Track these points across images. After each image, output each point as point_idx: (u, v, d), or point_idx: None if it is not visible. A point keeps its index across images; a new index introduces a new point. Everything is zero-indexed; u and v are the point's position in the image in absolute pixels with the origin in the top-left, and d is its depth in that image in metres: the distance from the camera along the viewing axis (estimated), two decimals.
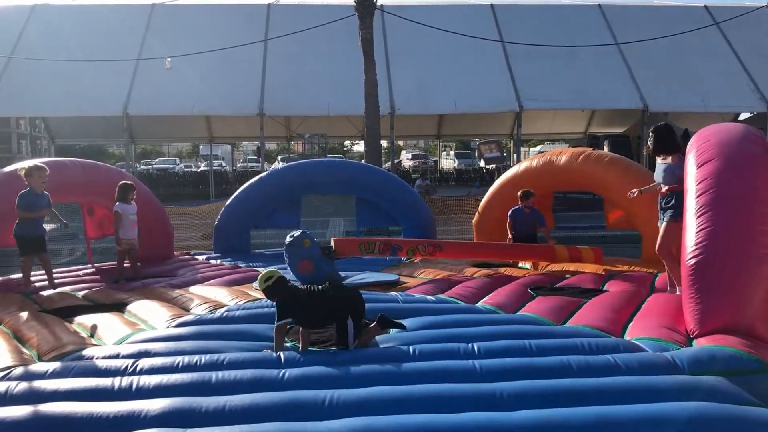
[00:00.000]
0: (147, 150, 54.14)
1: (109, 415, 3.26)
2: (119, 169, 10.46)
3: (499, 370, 3.85)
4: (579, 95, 21.36)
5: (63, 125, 25.69)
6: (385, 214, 10.75)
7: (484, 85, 21.23)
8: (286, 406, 3.35)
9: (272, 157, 45.28)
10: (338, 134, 27.60)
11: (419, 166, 38.07)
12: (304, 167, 11.03)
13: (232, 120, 24.60)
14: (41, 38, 21.51)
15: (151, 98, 20.36)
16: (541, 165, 9.48)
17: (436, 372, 3.83)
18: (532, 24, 23.11)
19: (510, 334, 4.64)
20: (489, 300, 5.92)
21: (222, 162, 40.98)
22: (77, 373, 3.90)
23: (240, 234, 10.23)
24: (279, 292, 4.35)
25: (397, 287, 6.86)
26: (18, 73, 20.39)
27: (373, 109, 16.64)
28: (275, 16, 23.26)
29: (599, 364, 3.92)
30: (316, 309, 4.36)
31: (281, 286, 4.37)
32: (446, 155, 43.13)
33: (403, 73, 21.28)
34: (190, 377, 3.73)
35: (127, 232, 7.88)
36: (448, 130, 29.70)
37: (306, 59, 21.62)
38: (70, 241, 14.99)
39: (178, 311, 5.62)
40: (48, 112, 22.80)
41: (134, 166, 27.20)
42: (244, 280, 7.49)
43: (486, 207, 10.15)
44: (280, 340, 4.35)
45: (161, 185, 27.08)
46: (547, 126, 28.25)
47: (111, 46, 20.87)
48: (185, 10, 23.94)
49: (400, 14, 20.78)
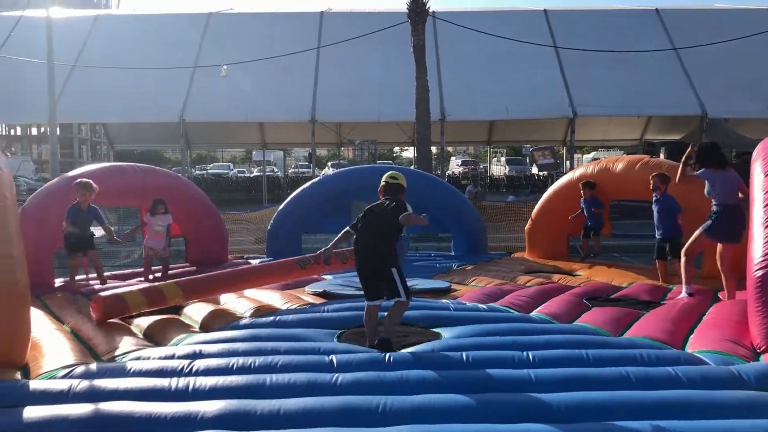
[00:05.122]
0: (202, 155, 55.25)
1: (167, 415, 3.31)
2: (176, 174, 10.71)
3: (555, 380, 3.78)
4: (635, 101, 20.88)
5: (122, 131, 26.47)
6: (436, 221, 10.70)
7: (537, 90, 20.96)
8: (339, 411, 3.35)
9: (323, 163, 45.66)
10: (388, 140, 27.63)
11: (469, 172, 37.79)
12: (355, 173, 11.10)
13: (284, 126, 24.90)
14: (103, 47, 22.21)
15: (206, 105, 20.81)
16: (596, 172, 9.31)
17: (490, 380, 3.78)
18: (587, 29, 22.70)
19: (565, 343, 4.55)
20: (543, 309, 5.83)
21: (274, 168, 41.51)
22: (135, 373, 3.98)
23: (292, 239, 10.32)
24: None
25: (448, 295, 6.82)
26: (80, 81, 21.10)
27: (423, 115, 16.62)
28: (328, 23, 23.49)
29: (660, 377, 3.81)
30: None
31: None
32: (497, 161, 42.73)
33: (453, 79, 21.19)
34: (244, 379, 3.77)
35: (149, 241, 8.16)
36: (499, 136, 29.39)
37: (357, 66, 21.76)
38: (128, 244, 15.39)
39: (232, 314, 5.69)
40: (108, 118, 23.52)
41: (190, 171, 27.78)
42: (295, 284, 7.55)
43: (539, 214, 10.01)
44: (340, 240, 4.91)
45: (215, 190, 27.54)
46: (601, 132, 27.68)
47: (169, 54, 21.41)
48: (240, 19, 24.43)
49: (451, 20, 20.72)
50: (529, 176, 34.85)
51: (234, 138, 28.20)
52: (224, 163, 50.58)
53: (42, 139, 55.73)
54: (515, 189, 30.13)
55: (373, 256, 4.62)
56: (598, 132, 27.42)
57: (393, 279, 4.52)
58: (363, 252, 4.68)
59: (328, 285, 7.23)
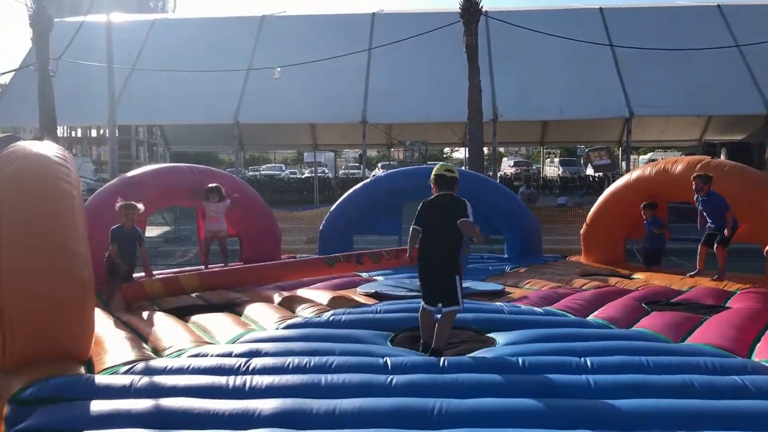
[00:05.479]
0: (254, 156, 56.16)
1: (225, 412, 3.37)
2: (232, 175, 10.87)
3: (614, 387, 3.69)
4: (694, 100, 20.29)
5: (178, 132, 27.11)
6: (488, 222, 10.58)
7: (592, 90, 20.58)
8: (394, 413, 3.34)
9: (373, 164, 45.84)
10: (438, 141, 27.56)
11: (521, 173, 37.34)
12: (406, 174, 11.09)
13: (335, 128, 25.10)
14: (159, 51, 22.79)
15: (259, 107, 21.13)
16: (654, 174, 9.06)
17: (546, 386, 3.71)
18: (644, 27, 22.17)
19: (624, 349, 4.44)
20: (600, 314, 5.70)
21: (325, 169, 41.89)
22: (194, 370, 4.05)
23: (343, 239, 10.37)
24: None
25: (502, 297, 6.74)
26: (138, 84, 21.70)
27: (476, 115, 16.51)
28: (379, 24, 23.57)
29: (725, 386, 3.68)
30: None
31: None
32: (550, 162, 42.10)
33: (506, 79, 20.99)
34: (300, 379, 3.80)
35: (208, 225, 8.73)
36: (553, 136, 28.97)
37: (408, 67, 21.75)
38: (184, 243, 15.75)
39: (286, 313, 5.76)
40: (165, 120, 24.12)
41: (243, 173, 28.26)
42: (347, 284, 7.59)
43: (595, 217, 9.80)
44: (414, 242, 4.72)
45: (267, 191, 27.92)
46: (658, 133, 27.00)
47: (223, 57, 21.83)
48: (293, 22, 24.73)
49: (504, 19, 20.51)
50: (584, 177, 34.22)
51: (286, 139, 28.57)
52: (276, 165, 51.26)
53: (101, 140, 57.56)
54: (569, 190, 29.60)
55: (438, 262, 4.55)
56: (655, 132, 26.76)
57: (454, 287, 4.49)
58: (428, 256, 4.59)
59: (379, 286, 7.24)
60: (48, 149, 5.44)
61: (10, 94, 23.09)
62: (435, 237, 4.56)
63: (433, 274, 4.59)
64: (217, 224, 8.65)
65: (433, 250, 4.57)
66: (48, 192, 4.81)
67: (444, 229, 4.52)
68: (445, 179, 4.69)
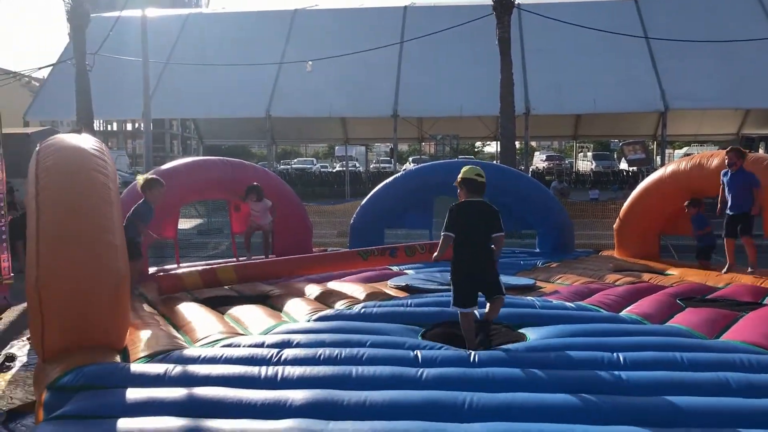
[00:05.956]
0: (286, 150, 56.55)
1: (257, 402, 3.41)
2: (264, 169, 10.96)
3: (648, 384, 3.64)
4: (731, 93, 19.89)
5: (211, 126, 27.42)
6: (519, 217, 10.52)
7: (627, 83, 20.29)
8: (425, 405, 3.35)
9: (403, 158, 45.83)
10: (469, 135, 27.45)
11: (553, 167, 36.96)
12: (436, 168, 11.04)
13: (366, 122, 25.14)
14: (193, 45, 23.08)
15: (291, 101, 21.27)
16: (689, 168, 8.91)
17: (578, 381, 3.68)
18: (679, 18, 21.76)
19: (658, 345, 4.37)
20: (633, 309, 5.62)
21: (356, 163, 41.99)
22: (227, 360, 4.10)
23: (374, 233, 10.39)
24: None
25: (533, 292, 6.69)
26: (172, 79, 22.00)
27: (508, 109, 16.37)
28: (411, 17, 23.53)
29: (763, 384, 3.60)
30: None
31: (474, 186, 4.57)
32: (583, 156, 41.59)
33: (538, 73, 20.80)
34: (331, 370, 3.82)
35: (252, 222, 9.04)
36: (586, 130, 28.64)
37: (440, 60, 21.68)
38: (216, 236, 15.95)
39: (318, 305, 5.79)
40: (198, 114, 24.44)
41: (275, 166, 28.47)
42: (378, 277, 7.61)
43: (629, 211, 9.68)
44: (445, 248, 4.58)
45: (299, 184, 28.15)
46: (694, 127, 26.49)
47: (255, 51, 22.00)
48: (325, 15, 24.82)
49: (537, 12, 20.30)
50: (617, 172, 33.75)
51: (317, 133, 28.72)
52: (308, 158, 51.55)
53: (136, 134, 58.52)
54: (602, 185, 29.24)
55: (483, 270, 4.50)
56: (691, 126, 26.26)
57: (498, 280, 4.51)
58: (473, 264, 4.50)
59: (410, 279, 7.24)
60: (85, 142, 5.54)
61: (48, 89, 23.61)
62: (473, 242, 4.49)
63: (481, 280, 4.51)
64: (261, 220, 8.91)
65: (478, 260, 4.49)
66: (85, 183, 4.89)
67: (483, 236, 4.48)
68: (477, 184, 4.57)
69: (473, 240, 4.49)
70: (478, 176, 4.60)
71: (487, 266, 4.52)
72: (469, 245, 4.49)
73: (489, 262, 4.52)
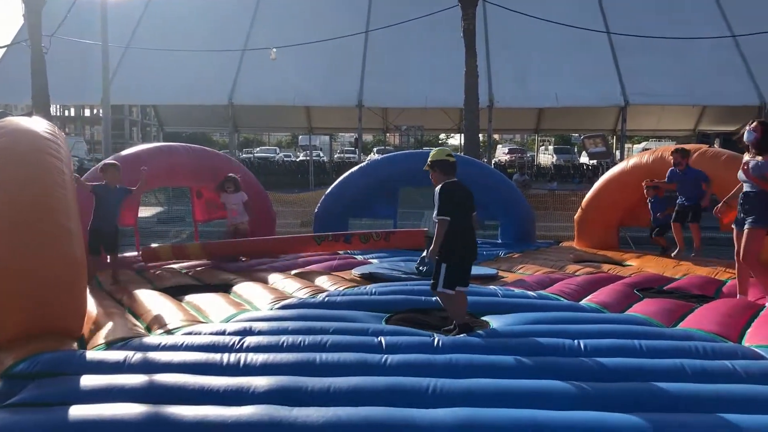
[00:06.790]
0: (248, 138, 55.90)
1: (219, 388, 3.36)
2: (227, 156, 10.82)
3: (608, 370, 3.70)
4: (689, 90, 20.32)
5: (171, 113, 26.93)
6: (482, 207, 10.58)
7: (588, 78, 20.58)
8: (389, 391, 3.34)
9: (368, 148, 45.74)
10: (434, 127, 27.52)
11: (515, 160, 37.32)
12: (401, 159, 11.04)
13: (331, 111, 25.00)
14: (155, 30, 22.57)
15: (254, 88, 21.01)
16: (651, 162, 9.08)
17: (540, 367, 3.72)
18: (641, 15, 22.13)
19: (617, 333, 4.45)
20: (593, 298, 5.71)
21: (320, 152, 41.73)
22: (187, 347, 4.04)
23: (339, 222, 10.35)
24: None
25: (496, 281, 6.75)
26: (132, 64, 21.52)
27: (472, 101, 16.43)
28: (377, 6, 23.42)
29: (716, 370, 3.70)
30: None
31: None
32: (544, 150, 42.10)
33: (502, 65, 20.94)
34: (295, 357, 3.79)
35: (229, 219, 8.70)
36: (548, 124, 28.99)
37: (405, 50, 21.65)
38: (178, 224, 15.70)
39: (281, 294, 5.75)
40: (159, 100, 23.94)
41: (237, 155, 28.11)
42: (342, 266, 7.59)
43: (590, 203, 9.82)
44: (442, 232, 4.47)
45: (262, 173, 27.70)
46: (653, 122, 27.03)
47: (218, 37, 21.65)
48: (290, 1, 24.47)
49: (502, 4, 20.39)
50: (577, 166, 34.22)
51: (281, 122, 28.45)
52: (271, 147, 51.04)
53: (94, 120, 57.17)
54: (562, 178, 29.65)
55: (473, 252, 4.59)
56: (650, 121, 26.80)
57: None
58: (470, 242, 4.56)
59: (374, 268, 7.23)
60: (37, 125, 5.38)
61: (1, 72, 22.85)
62: (466, 224, 4.52)
63: (470, 259, 4.59)
64: (238, 217, 8.61)
65: (472, 237, 4.57)
66: (37, 166, 4.74)
67: (469, 217, 4.54)
68: (450, 164, 4.60)
69: (466, 222, 4.51)
70: (449, 156, 4.64)
71: (475, 247, 4.61)
72: (462, 227, 4.49)
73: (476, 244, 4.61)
